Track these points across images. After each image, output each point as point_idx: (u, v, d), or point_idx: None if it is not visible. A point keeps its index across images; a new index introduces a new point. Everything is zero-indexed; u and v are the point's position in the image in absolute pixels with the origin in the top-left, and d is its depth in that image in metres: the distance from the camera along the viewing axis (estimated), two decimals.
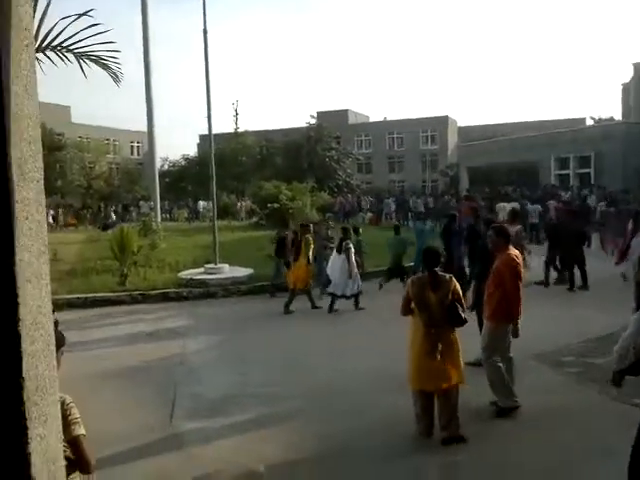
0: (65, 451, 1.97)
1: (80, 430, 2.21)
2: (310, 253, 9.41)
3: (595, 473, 3.86)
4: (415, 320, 4.41)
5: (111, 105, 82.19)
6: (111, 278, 11.56)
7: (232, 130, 41.74)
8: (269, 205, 24.42)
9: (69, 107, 41.29)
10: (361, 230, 11.95)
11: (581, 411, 4.97)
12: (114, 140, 44.76)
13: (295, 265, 9.51)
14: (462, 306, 4.41)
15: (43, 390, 1.55)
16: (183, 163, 42.02)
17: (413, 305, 4.40)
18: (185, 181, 38.11)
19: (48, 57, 2.86)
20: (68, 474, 2.12)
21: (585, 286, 10.37)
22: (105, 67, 3.21)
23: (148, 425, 4.85)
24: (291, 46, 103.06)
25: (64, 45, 2.84)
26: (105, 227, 23.49)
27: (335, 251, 9.62)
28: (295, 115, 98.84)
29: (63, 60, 2.91)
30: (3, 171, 1.29)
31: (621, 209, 16.41)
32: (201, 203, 34.05)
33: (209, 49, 12.58)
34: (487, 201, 22.25)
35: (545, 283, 10.66)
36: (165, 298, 10.61)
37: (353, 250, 9.42)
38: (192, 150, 48.66)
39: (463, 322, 4.37)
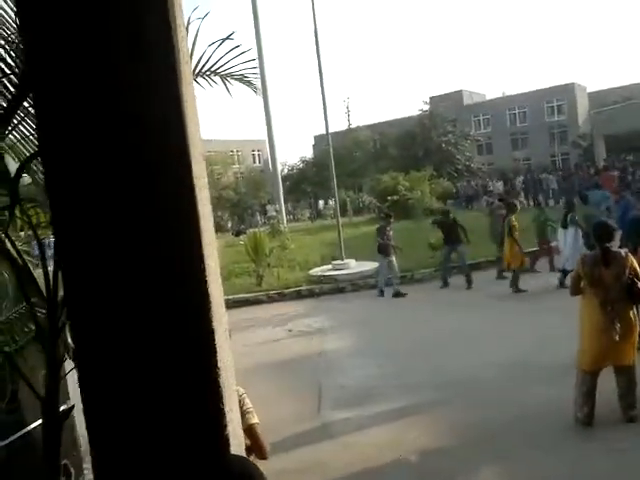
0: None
1: (254, 419, 2.42)
2: (516, 233, 9.27)
3: None
4: (587, 299, 4.23)
5: (231, 117, 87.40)
6: (248, 279, 12.37)
7: (345, 127, 42.27)
8: (388, 198, 24.37)
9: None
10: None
11: None
12: (237, 151, 47.55)
13: (505, 246, 9.48)
14: None
15: (229, 380, 1.74)
16: (301, 166, 43.44)
17: (584, 284, 4.21)
18: (304, 183, 39.37)
19: (198, 83, 3.16)
20: None
21: None
22: (249, 84, 3.46)
23: (298, 416, 5.12)
24: (397, 33, 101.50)
25: (212, 70, 3.11)
26: (238, 233, 25.07)
27: (560, 226, 9.41)
28: (407, 104, 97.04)
29: (210, 84, 3.20)
30: (190, 189, 1.47)
31: None
32: (320, 202, 34.99)
33: (320, 48, 12.88)
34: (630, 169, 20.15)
35: None
36: (299, 295, 11.12)
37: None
38: (308, 151, 50.12)
39: None
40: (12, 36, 2.59)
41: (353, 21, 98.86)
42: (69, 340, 2.71)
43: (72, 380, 2.09)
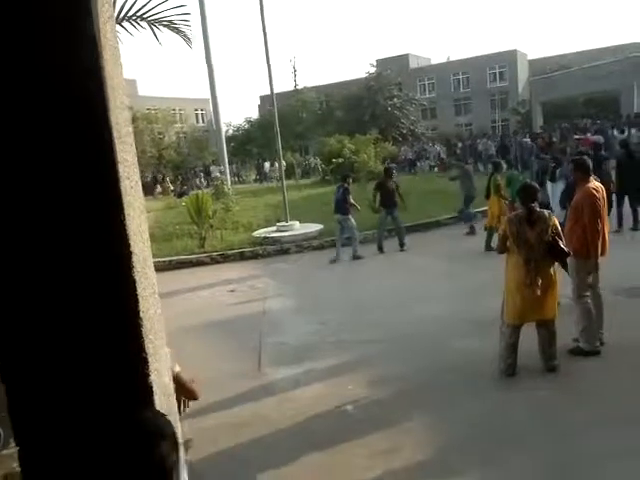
0: None
1: (178, 368, 2.48)
2: (502, 191, 9.21)
3: None
4: (512, 257, 4.43)
5: (173, 75, 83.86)
6: (190, 241, 12.19)
7: (291, 88, 41.54)
8: (333, 160, 24.39)
9: (135, 80, 42.60)
10: None
11: None
12: (179, 110, 45.85)
13: (490, 205, 9.47)
14: (562, 240, 4.39)
15: (155, 330, 1.74)
16: (246, 126, 42.53)
17: (510, 242, 4.40)
18: (250, 144, 38.66)
19: (124, 28, 3.00)
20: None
21: None
22: (178, 31, 3.32)
23: (238, 373, 5.19)
24: None
25: (138, 14, 2.96)
26: (180, 194, 24.45)
27: (549, 181, 9.54)
28: (354, 66, 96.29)
29: (137, 29, 3.05)
30: (107, 135, 1.42)
31: None
32: (266, 164, 34.53)
33: (264, 6, 12.46)
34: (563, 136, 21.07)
35: None
36: (242, 257, 11.08)
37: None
38: (253, 112, 49.01)
39: (567, 254, 4.42)
40: None
41: None
42: None
43: None
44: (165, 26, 3.12)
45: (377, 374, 4.87)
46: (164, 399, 1.77)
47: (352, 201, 10.22)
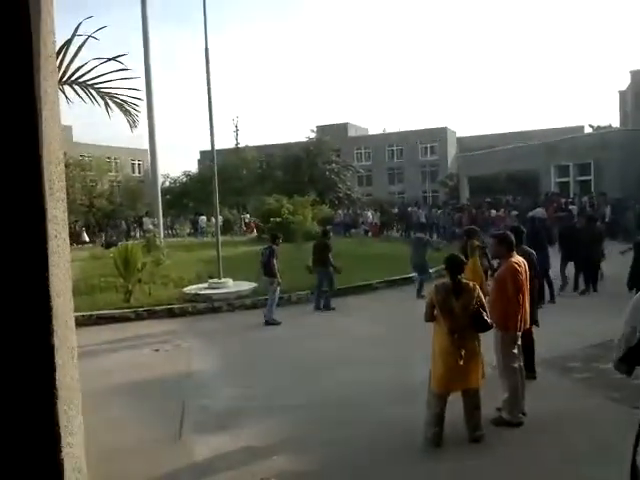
0: None
1: None
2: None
3: (599, 475, 3.88)
4: (438, 325, 4.52)
5: (111, 123, 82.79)
6: (115, 295, 11.62)
7: (233, 146, 42.06)
8: (271, 219, 24.57)
9: (70, 127, 41.69)
10: None
11: (587, 415, 5.02)
12: (115, 158, 45.11)
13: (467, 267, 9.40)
14: (486, 312, 4.52)
15: (71, 401, 1.62)
16: (184, 180, 42.28)
17: (436, 311, 4.49)
18: (187, 197, 38.31)
19: (75, 91, 2.96)
20: None
21: (595, 289, 10.91)
22: (127, 112, 3.31)
23: (158, 439, 4.88)
24: (289, 62, 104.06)
25: (90, 83, 2.94)
26: (108, 245, 23.58)
27: None
28: (295, 129, 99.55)
29: (89, 97, 3.01)
30: (38, 191, 1.37)
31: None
32: (202, 218, 34.19)
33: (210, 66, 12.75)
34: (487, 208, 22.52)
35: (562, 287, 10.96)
36: (170, 314, 10.66)
37: None
38: (193, 167, 48.95)
39: (489, 327, 4.53)
40: None
41: (246, 43, 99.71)
42: None
43: None
44: (116, 103, 3.11)
45: (300, 443, 4.72)
46: (73, 474, 1.63)
47: (276, 264, 9.87)
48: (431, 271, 11.86)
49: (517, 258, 5.03)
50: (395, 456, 4.38)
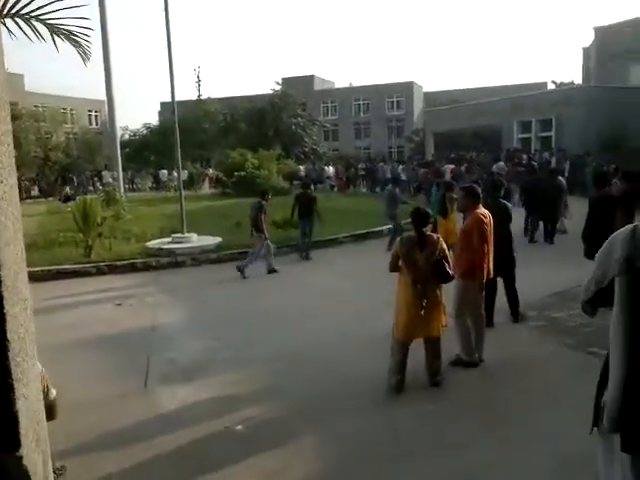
0: None
1: (54, 392, 2.28)
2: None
3: (552, 417, 4.11)
4: (402, 276, 4.62)
5: (67, 73, 78.71)
6: (75, 250, 11.33)
7: (195, 97, 40.71)
8: (235, 173, 24.18)
9: (22, 75, 39.33)
10: None
11: (541, 361, 5.27)
12: (71, 109, 43.08)
13: (446, 220, 9.50)
14: (448, 263, 4.65)
15: (24, 352, 1.57)
16: (144, 132, 40.88)
17: (401, 263, 4.58)
18: (147, 150, 37.15)
19: (18, 26, 2.72)
20: None
21: (551, 241, 11.43)
22: (76, 44, 3.08)
23: (124, 392, 4.87)
24: (254, 9, 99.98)
25: (33, 14, 2.70)
26: (66, 199, 22.82)
27: None
28: (260, 81, 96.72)
29: (34, 31, 2.78)
30: None
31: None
32: (163, 172, 33.34)
33: (170, 13, 12.11)
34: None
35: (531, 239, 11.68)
36: (133, 269, 10.49)
37: None
38: (153, 118, 47.27)
39: (450, 278, 4.67)
40: None
41: None
42: None
43: None
44: (64, 35, 2.87)
45: (267, 392, 4.80)
46: (31, 425, 1.59)
47: (264, 219, 10.00)
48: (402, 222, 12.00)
49: (482, 210, 5.13)
50: (359, 403, 4.50)
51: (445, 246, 4.69)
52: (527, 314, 6.58)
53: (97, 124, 47.32)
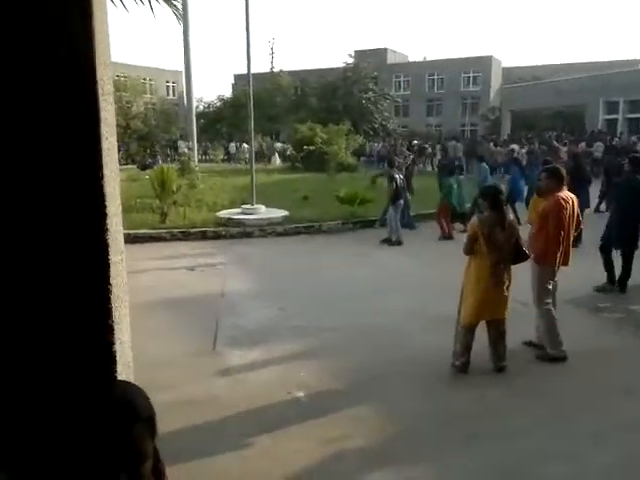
0: None
1: None
2: None
3: (624, 410, 3.94)
4: (477, 258, 4.53)
5: (145, 44, 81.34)
6: (151, 216, 11.91)
7: (268, 70, 41.01)
8: (305, 148, 24.31)
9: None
10: None
11: (614, 352, 5.06)
12: (150, 80, 44.59)
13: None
14: (522, 244, 4.65)
15: (121, 300, 1.69)
16: (218, 104, 41.73)
17: (479, 244, 4.49)
18: (220, 122, 37.99)
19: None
20: None
21: None
22: (170, 4, 3.20)
23: (193, 352, 5.14)
24: None
25: None
26: (144, 167, 23.87)
27: None
28: (332, 55, 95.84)
29: (137, 2, 2.91)
30: (92, 90, 1.36)
31: None
32: (232, 145, 34.02)
33: None
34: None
35: None
36: (204, 236, 10.92)
37: None
38: (227, 90, 48.14)
39: (527, 257, 4.67)
40: None
41: None
42: None
43: None
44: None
45: (332, 362, 4.90)
46: (124, 368, 1.73)
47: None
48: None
49: (565, 193, 4.87)
50: (423, 382, 4.51)
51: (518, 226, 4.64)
52: (600, 305, 6.29)
53: (174, 95, 48.83)
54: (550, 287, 4.93)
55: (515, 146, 21.75)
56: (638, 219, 6.72)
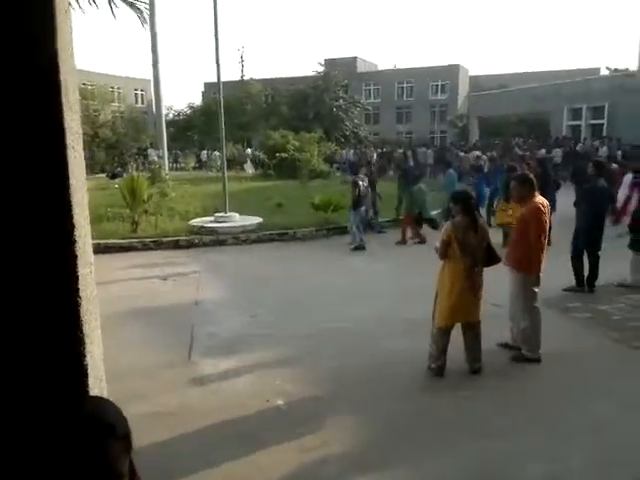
0: None
1: None
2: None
3: (597, 409, 4.02)
4: (453, 262, 4.56)
5: (112, 51, 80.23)
6: (122, 225, 11.69)
7: (238, 78, 40.89)
8: (277, 155, 24.28)
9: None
10: None
11: (584, 353, 5.16)
12: (118, 88, 43.94)
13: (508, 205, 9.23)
14: (492, 247, 4.73)
15: (91, 312, 1.65)
16: (188, 112, 41.41)
17: (453, 248, 4.53)
18: (191, 130, 37.67)
19: (77, 1, 2.81)
20: None
21: None
22: (133, 7, 3.15)
23: (167, 362, 5.05)
24: None
25: None
26: (113, 176, 23.47)
27: None
28: (302, 63, 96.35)
29: (91, 3, 2.86)
30: (55, 98, 1.32)
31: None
32: (204, 152, 33.79)
33: None
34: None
35: None
36: (176, 245, 10.76)
37: None
38: (197, 98, 47.81)
39: (499, 260, 4.76)
40: None
41: None
42: None
43: None
44: (127, 3, 2.94)
45: (307, 369, 4.88)
46: (96, 382, 1.68)
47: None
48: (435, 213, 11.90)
49: (540, 199, 4.92)
50: (399, 386, 4.52)
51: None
52: (570, 305, 6.43)
53: (143, 103, 48.22)
54: (536, 290, 4.94)
55: (478, 153, 22.36)
56: (603, 220, 6.95)
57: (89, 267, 1.65)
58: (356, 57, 51.92)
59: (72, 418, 1.14)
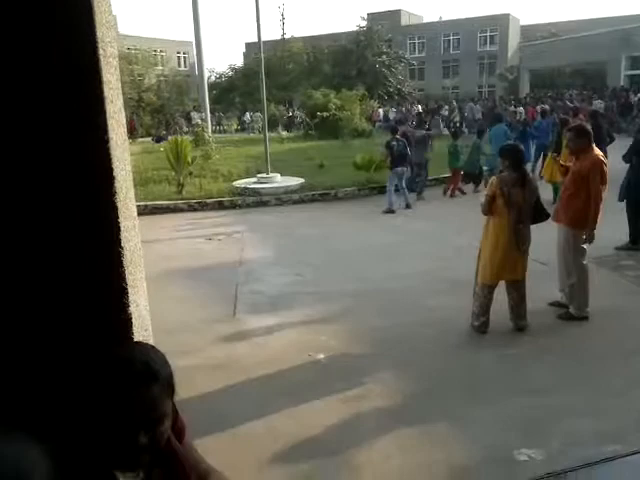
0: None
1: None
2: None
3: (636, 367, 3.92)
4: (496, 218, 4.46)
5: (155, 15, 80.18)
6: (168, 187, 11.98)
7: (279, 37, 40.22)
8: (318, 114, 23.99)
9: (115, 16, 40.62)
10: None
11: (637, 312, 4.98)
12: (161, 51, 44.15)
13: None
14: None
15: (135, 263, 1.70)
16: (230, 74, 41.25)
17: (498, 204, 4.41)
18: (233, 92, 37.62)
19: None
20: None
21: None
22: None
23: (213, 318, 5.21)
24: None
25: None
26: (159, 139, 23.86)
27: None
28: (345, 18, 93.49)
29: None
30: (92, 49, 1.34)
31: None
32: (247, 114, 33.76)
33: None
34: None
35: None
36: (220, 206, 10.97)
37: None
38: (238, 59, 47.48)
39: (548, 217, 4.64)
40: None
41: None
42: None
43: None
44: None
45: (351, 326, 4.94)
46: (140, 331, 1.75)
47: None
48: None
49: (598, 151, 4.70)
50: (442, 342, 4.53)
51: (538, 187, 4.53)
52: (623, 264, 6.20)
53: (185, 66, 48.35)
54: (585, 247, 4.78)
55: (519, 108, 21.60)
56: None
57: (132, 220, 1.69)
58: (400, 10, 49.97)
59: (118, 362, 1.20)
